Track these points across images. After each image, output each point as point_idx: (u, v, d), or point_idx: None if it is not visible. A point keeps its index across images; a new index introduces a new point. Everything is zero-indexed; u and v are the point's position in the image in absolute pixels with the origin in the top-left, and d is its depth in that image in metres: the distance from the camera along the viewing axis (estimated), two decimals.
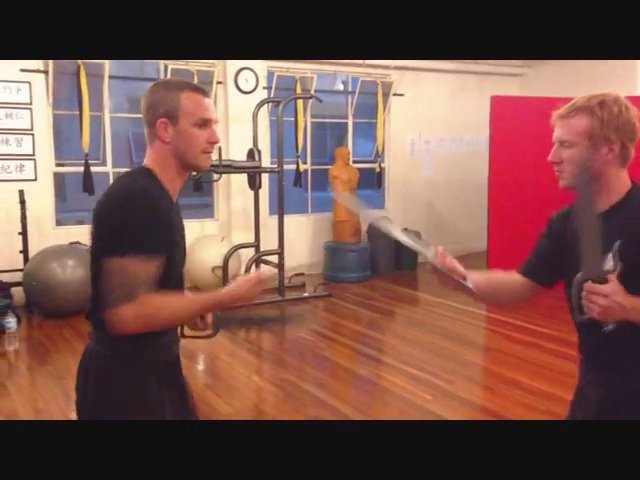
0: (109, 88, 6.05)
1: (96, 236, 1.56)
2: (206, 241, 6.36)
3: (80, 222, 6.53)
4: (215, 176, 5.78)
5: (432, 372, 4.19)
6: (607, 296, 1.32)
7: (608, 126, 1.47)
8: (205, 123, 1.60)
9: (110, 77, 6.02)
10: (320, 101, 6.31)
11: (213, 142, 1.62)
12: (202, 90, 1.64)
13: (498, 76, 8.01)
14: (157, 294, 1.51)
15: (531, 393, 3.86)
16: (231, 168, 5.53)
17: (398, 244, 1.71)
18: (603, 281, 1.33)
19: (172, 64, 6.18)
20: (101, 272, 1.50)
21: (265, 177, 6.53)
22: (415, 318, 5.64)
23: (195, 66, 6.28)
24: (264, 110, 6.54)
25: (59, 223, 6.11)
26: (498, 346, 4.81)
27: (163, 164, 1.61)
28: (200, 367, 4.56)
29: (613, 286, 1.33)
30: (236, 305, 1.64)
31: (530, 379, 4.06)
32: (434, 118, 7.78)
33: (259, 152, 5.92)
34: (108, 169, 6.15)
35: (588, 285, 1.33)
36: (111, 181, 6.18)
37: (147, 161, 1.63)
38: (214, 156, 6.16)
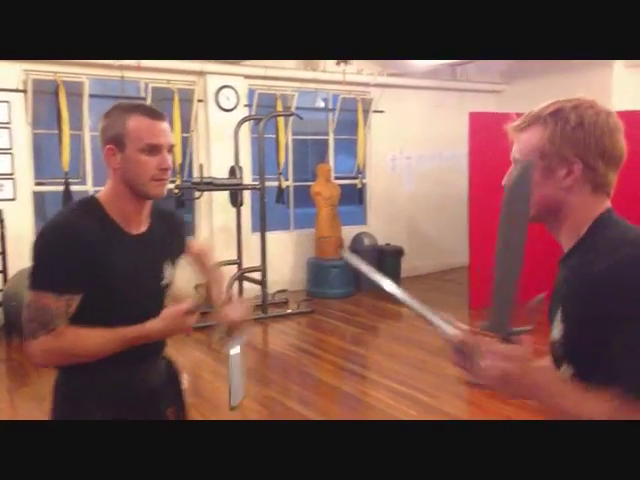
0: (89, 107, 6.03)
1: None
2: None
3: None
4: (197, 194, 5.77)
5: (416, 387, 4.20)
6: (511, 359, 1.02)
7: (562, 140, 1.12)
8: (154, 149, 1.50)
9: (90, 96, 6.00)
10: (301, 118, 6.35)
11: (164, 169, 1.52)
12: (153, 113, 1.53)
13: (476, 92, 8.13)
14: (75, 328, 1.47)
15: (516, 407, 3.87)
16: (212, 185, 5.52)
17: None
18: (508, 341, 1.04)
19: (152, 82, 6.18)
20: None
21: (247, 194, 6.54)
22: (399, 333, 5.65)
23: (176, 84, 6.29)
24: (245, 127, 6.56)
25: None
26: None
27: (114, 192, 1.55)
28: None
29: (523, 350, 1.04)
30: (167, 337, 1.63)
31: None
32: (414, 134, 7.85)
33: (240, 169, 5.93)
34: (88, 187, 6.11)
35: (489, 341, 1.03)
36: None
37: (104, 188, 1.59)
38: (196, 173, 6.19)
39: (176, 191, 5.95)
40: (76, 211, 1.54)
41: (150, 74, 6.14)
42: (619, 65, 6.76)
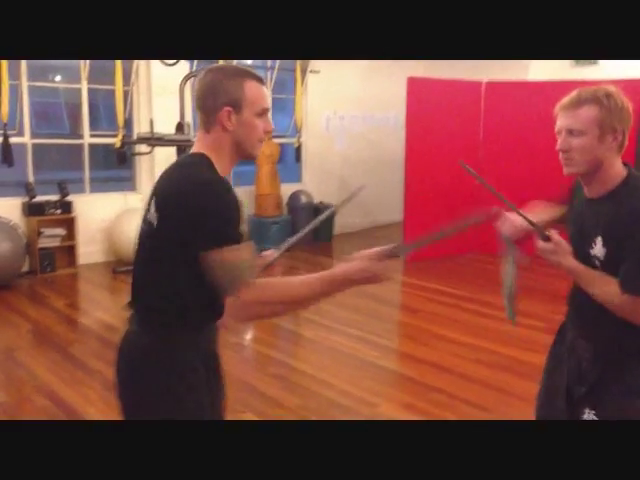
0: None
1: (169, 228, 1.53)
2: (130, 215, 6.29)
3: None
4: (147, 148, 5.75)
5: (372, 332, 4.54)
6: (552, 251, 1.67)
7: (614, 116, 1.63)
8: (264, 112, 1.63)
9: None
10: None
11: (268, 131, 1.65)
12: (261, 79, 1.67)
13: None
14: (275, 278, 1.57)
15: (461, 346, 4.32)
16: (163, 141, 5.53)
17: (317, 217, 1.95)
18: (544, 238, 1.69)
19: None
20: (205, 266, 1.48)
21: None
22: None
23: None
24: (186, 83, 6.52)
25: None
26: (424, 307, 5.25)
27: (219, 152, 1.60)
28: None
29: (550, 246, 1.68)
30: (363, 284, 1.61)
31: (457, 334, 4.52)
32: (348, 95, 8.10)
33: (188, 125, 5.96)
34: (26, 139, 5.93)
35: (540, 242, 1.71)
36: (29, 151, 5.96)
37: (201, 148, 1.61)
38: (146, 128, 6.14)
39: (118, 145, 5.90)
40: (207, 168, 1.57)
41: None
42: None
